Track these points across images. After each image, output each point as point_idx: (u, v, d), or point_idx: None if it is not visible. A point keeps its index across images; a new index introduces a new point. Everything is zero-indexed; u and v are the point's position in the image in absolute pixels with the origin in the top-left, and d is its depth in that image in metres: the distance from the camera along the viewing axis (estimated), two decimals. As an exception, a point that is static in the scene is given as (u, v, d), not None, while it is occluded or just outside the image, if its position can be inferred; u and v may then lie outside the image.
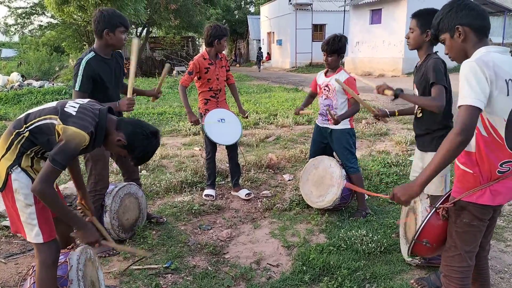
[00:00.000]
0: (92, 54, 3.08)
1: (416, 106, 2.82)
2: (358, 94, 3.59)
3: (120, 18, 3.08)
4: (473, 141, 1.80)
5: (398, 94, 2.76)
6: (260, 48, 28.79)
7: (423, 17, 2.67)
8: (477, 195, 1.83)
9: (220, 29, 4.16)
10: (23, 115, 2.11)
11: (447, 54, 1.95)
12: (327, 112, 3.64)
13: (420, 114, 2.78)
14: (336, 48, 3.60)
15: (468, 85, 1.67)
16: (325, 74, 3.79)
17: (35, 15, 26.54)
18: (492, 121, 1.75)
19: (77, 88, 3.00)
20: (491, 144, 1.78)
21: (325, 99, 3.77)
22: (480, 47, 1.81)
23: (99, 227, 2.42)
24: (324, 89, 3.75)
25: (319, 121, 3.91)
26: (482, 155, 1.80)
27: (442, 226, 1.99)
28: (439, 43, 2.09)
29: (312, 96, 4.06)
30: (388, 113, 3.21)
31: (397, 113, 3.19)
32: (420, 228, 2.03)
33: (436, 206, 2.01)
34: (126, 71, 3.57)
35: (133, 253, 3.14)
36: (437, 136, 2.69)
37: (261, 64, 27.28)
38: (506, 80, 1.73)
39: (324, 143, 3.92)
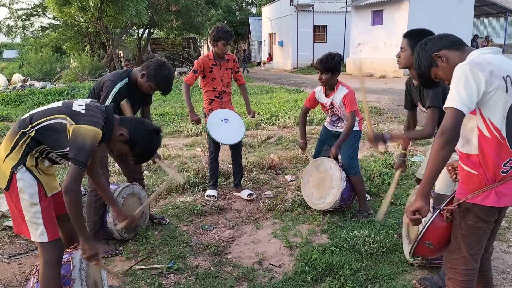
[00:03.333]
0: (126, 81, 3.12)
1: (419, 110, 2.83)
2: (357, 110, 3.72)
3: None
4: (475, 143, 1.80)
5: (386, 140, 2.83)
6: (245, 50, 27.36)
7: (414, 37, 2.66)
8: (482, 197, 1.82)
9: (217, 32, 4.08)
10: (27, 114, 2.12)
11: (448, 84, 1.91)
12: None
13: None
14: (329, 66, 3.60)
15: (456, 89, 1.71)
16: (325, 94, 3.81)
17: (36, 16, 26.63)
18: (495, 122, 1.75)
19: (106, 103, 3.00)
20: (495, 145, 1.77)
21: (332, 115, 3.88)
22: (467, 55, 1.83)
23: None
24: (330, 107, 3.82)
25: (329, 126, 3.96)
26: (485, 157, 1.79)
27: (446, 228, 1.98)
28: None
29: (306, 112, 4.09)
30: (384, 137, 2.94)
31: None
32: (424, 230, 2.01)
33: (441, 207, 2.01)
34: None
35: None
36: None
37: (246, 66, 25.55)
38: (504, 77, 1.74)
39: (330, 145, 3.94)
